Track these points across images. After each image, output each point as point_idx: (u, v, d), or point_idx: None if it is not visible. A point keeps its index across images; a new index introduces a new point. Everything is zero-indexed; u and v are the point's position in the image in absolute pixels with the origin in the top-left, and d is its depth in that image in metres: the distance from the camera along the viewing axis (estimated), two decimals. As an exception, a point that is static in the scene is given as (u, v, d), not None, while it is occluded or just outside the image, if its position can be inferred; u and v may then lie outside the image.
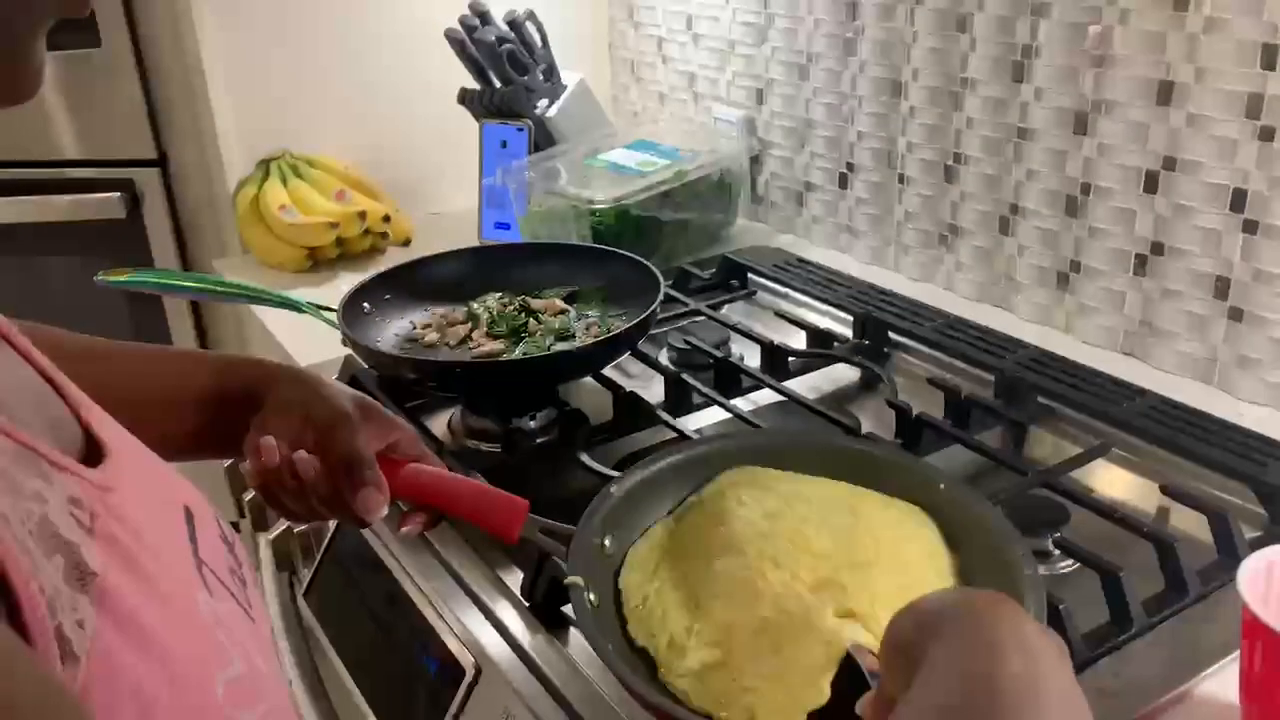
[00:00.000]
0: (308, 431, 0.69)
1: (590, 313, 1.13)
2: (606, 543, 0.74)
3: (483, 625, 0.79)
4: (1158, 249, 1.08)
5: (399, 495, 0.72)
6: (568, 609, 0.78)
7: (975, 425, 1.00)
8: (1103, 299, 1.15)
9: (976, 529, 0.71)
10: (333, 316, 1.04)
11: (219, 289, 1.19)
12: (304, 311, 1.11)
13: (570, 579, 0.67)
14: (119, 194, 1.62)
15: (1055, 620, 0.71)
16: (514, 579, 0.82)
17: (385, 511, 0.69)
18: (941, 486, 0.74)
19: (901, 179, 1.36)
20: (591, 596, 0.69)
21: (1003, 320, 1.24)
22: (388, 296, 1.14)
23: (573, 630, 0.77)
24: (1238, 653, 0.71)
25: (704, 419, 1.05)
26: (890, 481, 0.76)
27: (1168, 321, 1.09)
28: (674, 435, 0.97)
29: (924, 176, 1.32)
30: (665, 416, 0.99)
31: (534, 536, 0.73)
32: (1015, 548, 0.68)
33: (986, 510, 0.71)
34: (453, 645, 0.78)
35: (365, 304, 1.11)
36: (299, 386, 0.71)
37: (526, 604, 0.80)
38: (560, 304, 1.14)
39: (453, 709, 0.75)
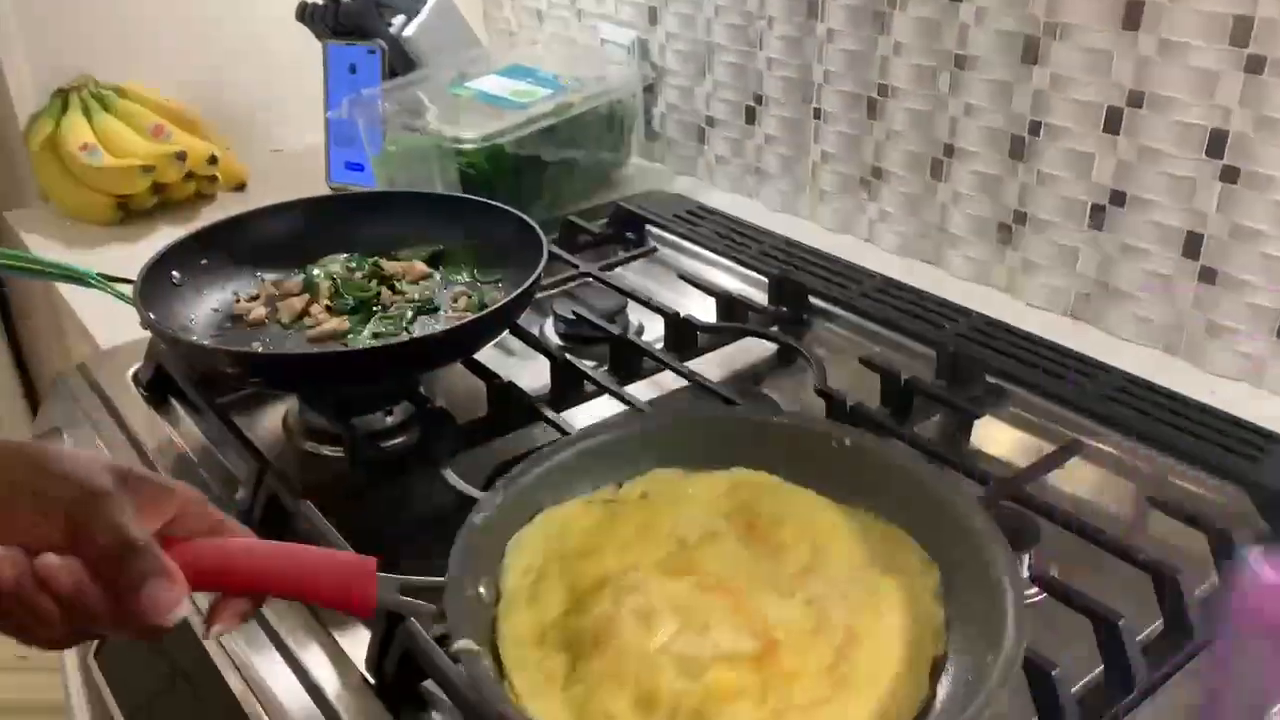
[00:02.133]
0: (48, 526, 0.48)
1: (459, 278, 0.94)
2: (481, 590, 0.58)
3: (309, 710, 0.60)
4: (1118, 199, 0.93)
5: (201, 585, 0.52)
6: (430, 685, 0.60)
7: (917, 413, 0.84)
8: (1052, 255, 1.00)
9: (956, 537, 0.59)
10: (128, 290, 0.82)
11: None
12: (93, 285, 0.88)
13: (461, 644, 0.52)
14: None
15: (1044, 690, 0.56)
16: (354, 645, 0.64)
17: (184, 610, 0.49)
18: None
19: (817, 114, 1.18)
20: (488, 663, 0.53)
21: (933, 278, 1.08)
22: (204, 261, 0.92)
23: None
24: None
25: (596, 411, 0.86)
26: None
27: (1127, 282, 0.95)
28: (560, 436, 0.79)
29: (844, 112, 1.15)
30: (549, 414, 0.81)
31: (392, 601, 0.54)
32: (1005, 577, 0.54)
33: (973, 522, 0.59)
34: (270, 748, 0.59)
35: (174, 272, 0.89)
36: (22, 465, 0.50)
37: (371, 682, 0.61)
38: (422, 267, 0.94)
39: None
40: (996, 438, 0.84)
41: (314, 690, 0.61)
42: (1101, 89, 0.92)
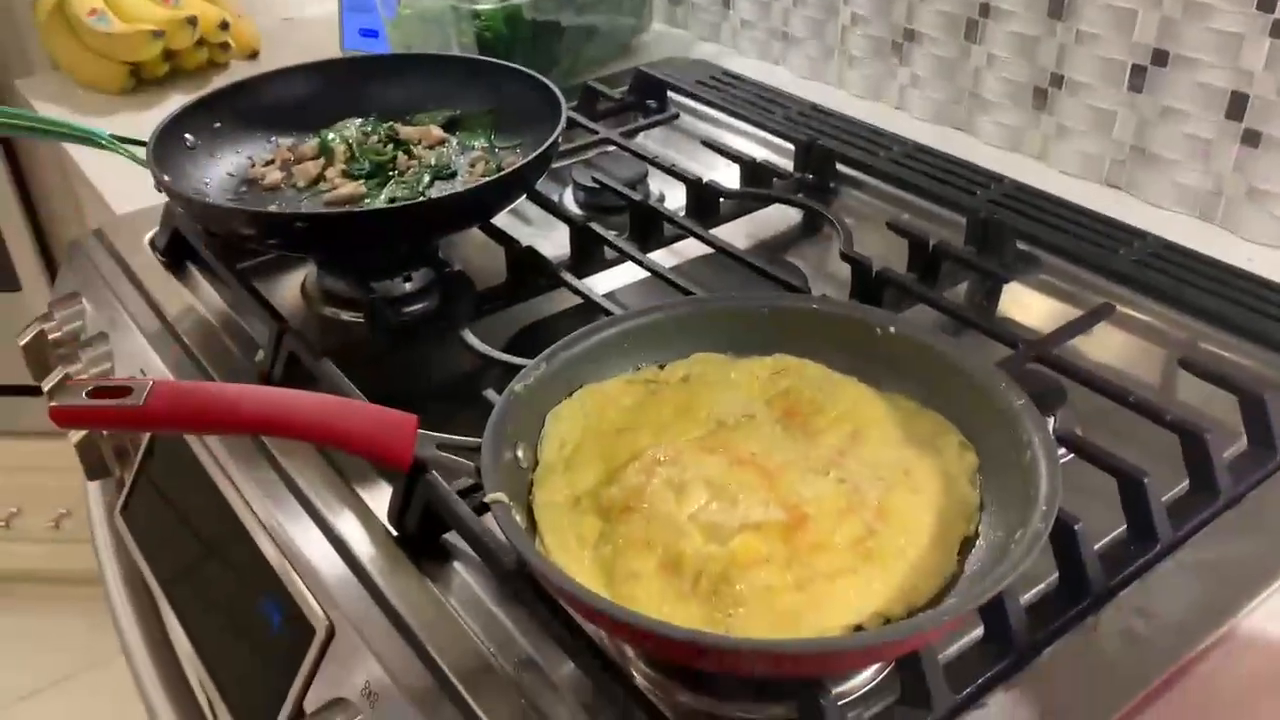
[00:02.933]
0: None
1: (476, 143, 0.91)
2: (519, 455, 0.58)
3: (337, 565, 0.60)
4: (1160, 58, 0.90)
5: (244, 429, 0.53)
6: (450, 538, 0.61)
7: (945, 280, 0.82)
8: (1088, 119, 0.97)
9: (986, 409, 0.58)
10: (142, 153, 0.81)
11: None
12: (105, 146, 0.87)
13: (492, 495, 0.52)
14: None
15: (1066, 543, 0.56)
16: (379, 497, 0.64)
17: None
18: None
19: (848, -26, 1.13)
20: (519, 517, 0.53)
21: (965, 146, 1.05)
22: (217, 125, 0.90)
23: (454, 568, 0.60)
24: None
25: (618, 277, 0.85)
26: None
27: (1166, 147, 0.92)
28: (580, 301, 0.78)
29: (875, -30, 1.10)
30: (570, 279, 0.79)
31: (431, 456, 0.55)
32: (1041, 457, 0.53)
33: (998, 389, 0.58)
34: (298, 594, 0.60)
35: (187, 135, 0.87)
36: None
37: (394, 534, 0.62)
38: (438, 132, 0.92)
39: (301, 676, 0.58)
40: (1026, 303, 0.83)
41: (338, 543, 0.61)
42: (1149, -60, 0.87)
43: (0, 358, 1.61)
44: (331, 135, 0.90)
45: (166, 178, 0.79)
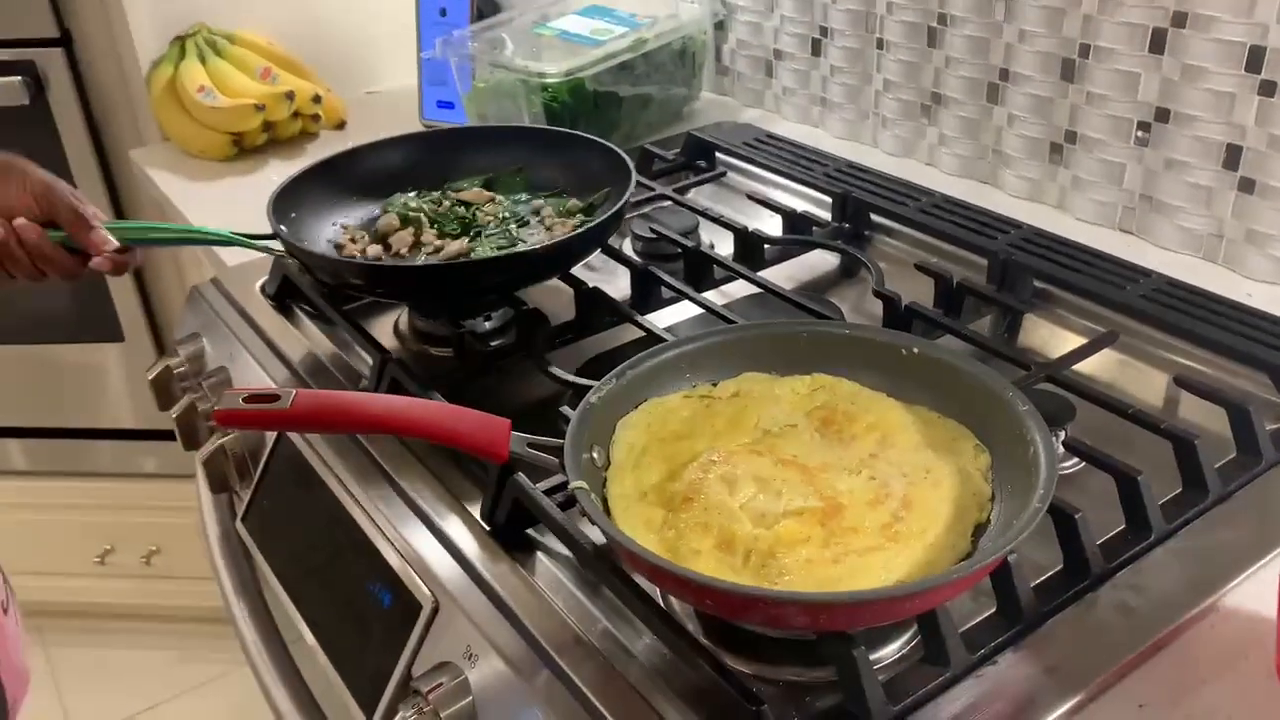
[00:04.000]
0: (21, 203, 0.86)
1: (518, 199, 1.03)
2: (594, 455, 0.68)
3: (438, 552, 0.71)
4: (1163, 115, 0.99)
5: (373, 427, 0.65)
6: (534, 532, 0.71)
7: (968, 314, 0.92)
8: (1100, 172, 1.06)
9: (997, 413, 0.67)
10: (267, 244, 0.94)
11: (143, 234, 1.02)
12: (235, 243, 0.97)
13: (576, 484, 0.62)
14: (20, 78, 1.46)
15: (1068, 531, 0.64)
16: (471, 500, 0.74)
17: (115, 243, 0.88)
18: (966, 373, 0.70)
19: (880, 44, 1.25)
20: (597, 501, 0.64)
21: (990, 198, 1.15)
22: (314, 196, 1.01)
23: (539, 558, 0.70)
24: (1268, 558, 0.66)
25: (674, 315, 0.96)
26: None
27: (1171, 195, 1.01)
28: (641, 334, 0.88)
29: (905, 40, 1.21)
30: (633, 314, 0.90)
31: (523, 452, 0.65)
32: (1041, 451, 0.62)
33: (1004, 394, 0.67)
34: (406, 576, 0.70)
35: (293, 213, 0.98)
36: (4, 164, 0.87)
37: (486, 528, 0.72)
38: (485, 192, 1.03)
39: (410, 646, 0.68)
40: (1043, 333, 0.92)
41: (439, 534, 0.72)
42: (1147, 11, 0.97)
43: (100, 403, 1.75)
44: (403, 205, 1.00)
45: (303, 243, 0.91)
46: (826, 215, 1.11)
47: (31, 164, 0.89)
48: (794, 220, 1.08)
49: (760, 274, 0.98)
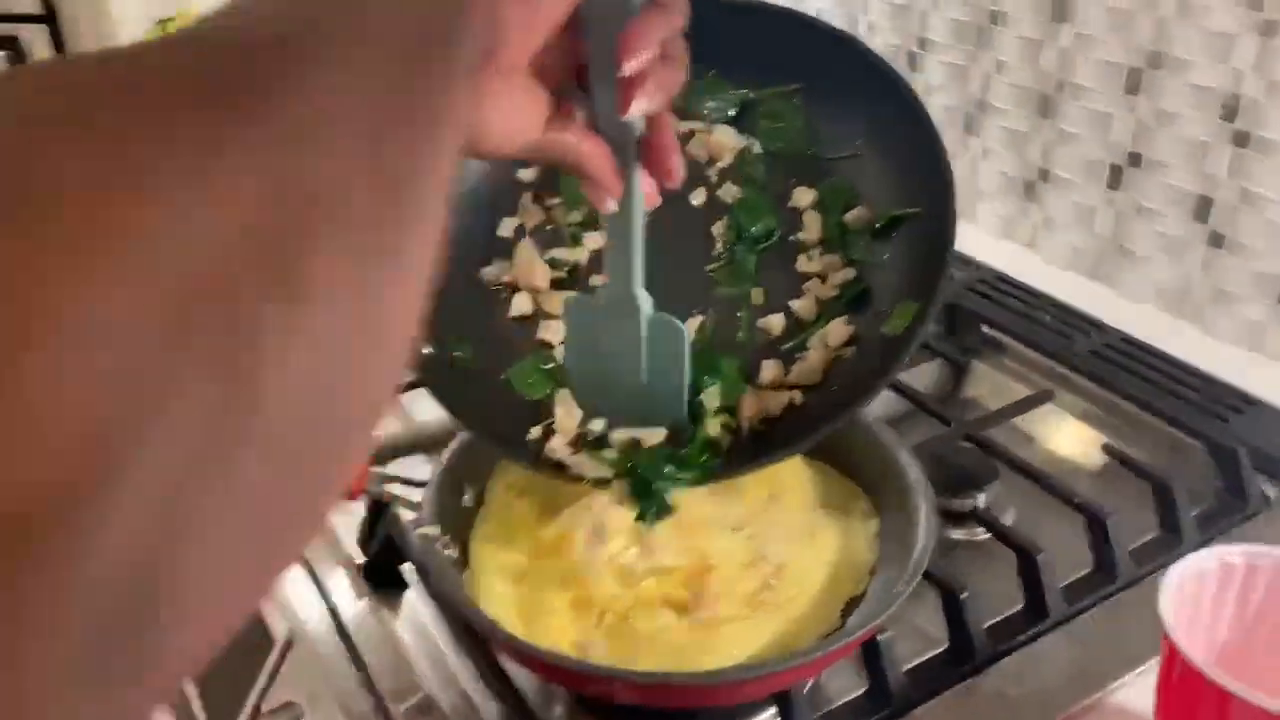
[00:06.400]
0: None
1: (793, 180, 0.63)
2: (466, 496, 0.65)
3: (305, 584, 0.68)
4: (1135, 160, 0.94)
5: None
6: (407, 569, 0.68)
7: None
8: (1072, 214, 1.01)
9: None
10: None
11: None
12: None
13: (424, 529, 0.59)
14: (3, 53, 1.46)
15: (953, 610, 0.60)
16: (353, 529, 0.72)
17: None
18: None
19: (862, 65, 1.20)
20: (450, 553, 0.60)
21: (961, 232, 1.10)
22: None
23: (407, 602, 0.67)
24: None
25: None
26: None
27: (1141, 244, 0.96)
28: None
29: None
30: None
31: (376, 491, 0.62)
32: (921, 526, 0.58)
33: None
34: (267, 608, 0.68)
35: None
36: None
37: (359, 562, 0.69)
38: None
39: (259, 684, 0.65)
40: (989, 384, 0.87)
41: (306, 564, 0.69)
42: (1124, 49, 0.92)
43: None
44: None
45: None
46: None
47: None
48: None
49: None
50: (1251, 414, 0.79)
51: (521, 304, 0.62)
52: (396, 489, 0.61)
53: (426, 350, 0.60)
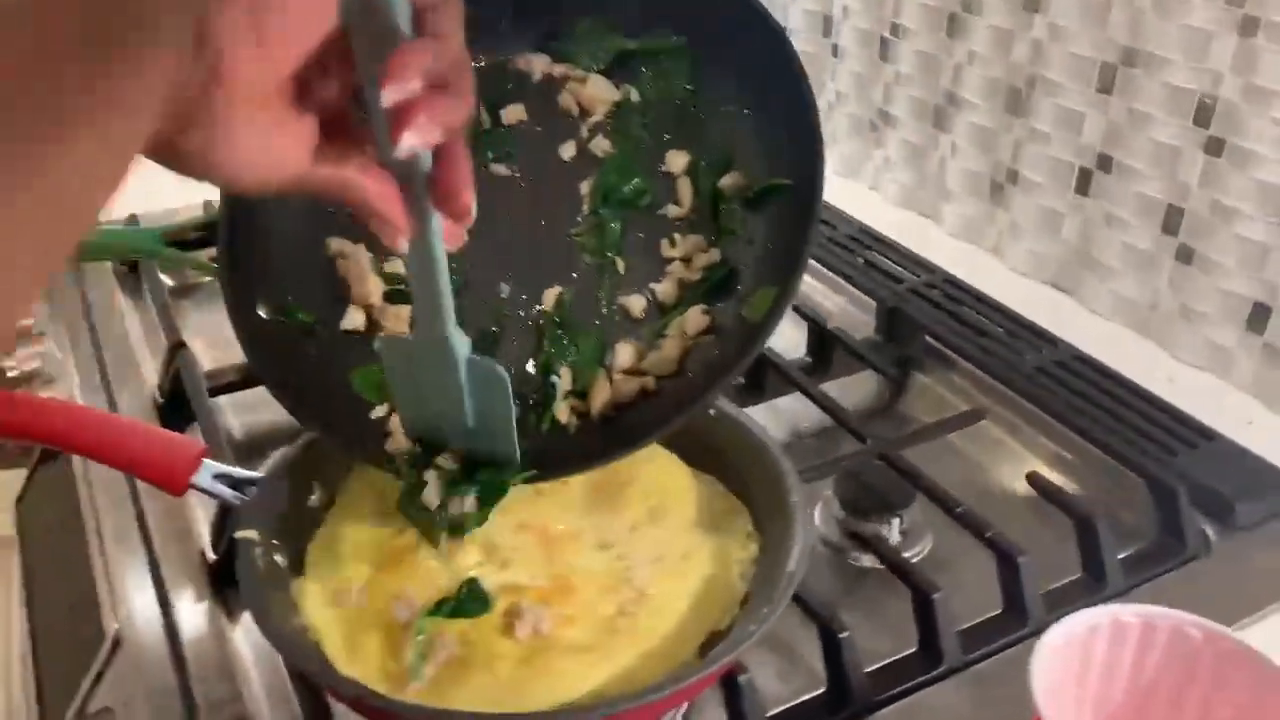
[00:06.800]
0: None
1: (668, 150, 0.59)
2: (314, 496, 0.59)
3: (140, 578, 0.63)
4: (1105, 163, 0.87)
5: (14, 434, 0.56)
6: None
7: (840, 367, 0.82)
8: (1038, 219, 0.94)
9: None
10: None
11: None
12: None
13: (242, 532, 0.53)
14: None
15: (832, 650, 0.54)
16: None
17: None
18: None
19: (835, 50, 1.13)
20: (279, 558, 0.54)
21: (925, 234, 1.04)
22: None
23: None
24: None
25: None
26: None
27: (1107, 254, 0.89)
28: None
29: (859, 49, 1.10)
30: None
31: (205, 485, 0.56)
32: (792, 560, 0.52)
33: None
34: (105, 602, 0.63)
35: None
36: None
37: (212, 559, 0.64)
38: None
39: (84, 684, 0.60)
40: (929, 398, 0.81)
41: (154, 562, 0.64)
42: (1098, 43, 0.85)
43: None
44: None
45: None
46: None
47: None
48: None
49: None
50: (1206, 449, 0.72)
51: (355, 318, 0.58)
52: (220, 486, 0.55)
53: (263, 313, 0.56)
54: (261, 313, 0.56)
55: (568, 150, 0.59)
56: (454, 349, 0.48)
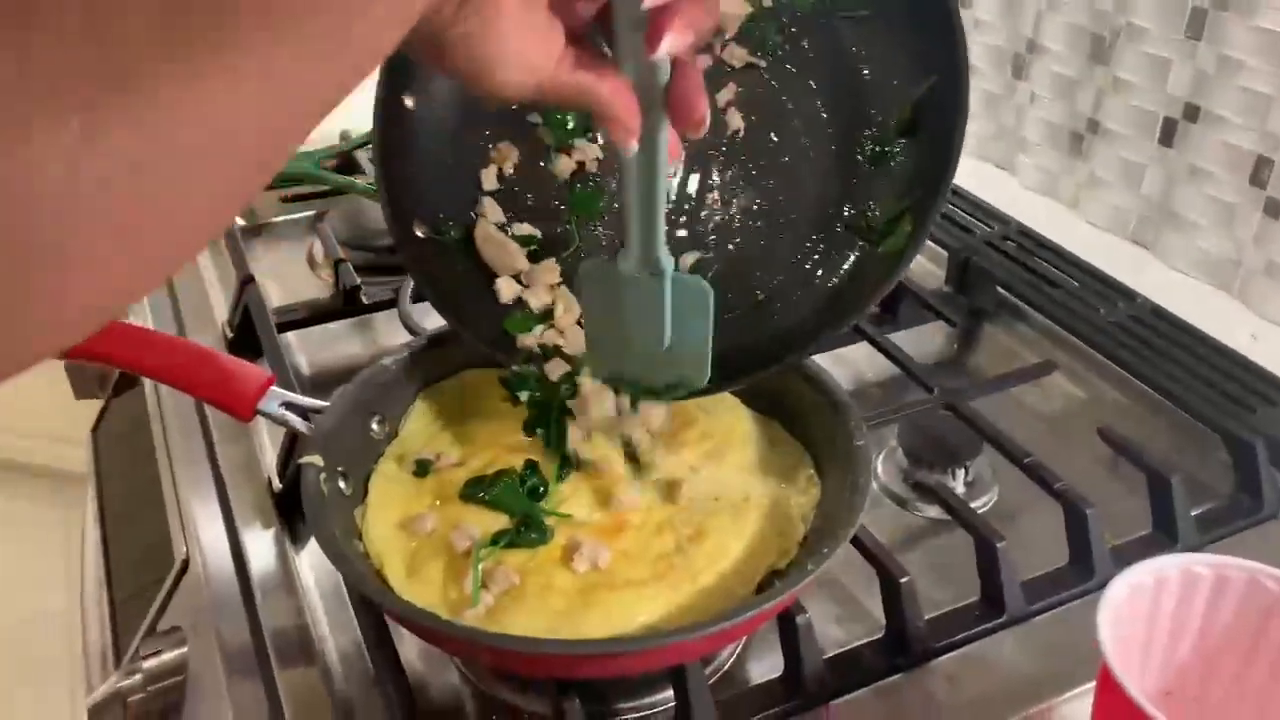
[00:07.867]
0: None
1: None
2: (374, 426, 0.60)
3: (209, 505, 0.64)
4: (1191, 113, 0.84)
5: (93, 356, 0.57)
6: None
7: (907, 317, 0.80)
8: (1119, 171, 0.91)
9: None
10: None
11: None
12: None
13: (308, 458, 0.54)
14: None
15: (891, 596, 0.54)
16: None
17: None
18: None
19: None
20: (343, 485, 0.55)
21: (1001, 186, 1.01)
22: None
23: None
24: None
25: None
26: None
27: (1190, 208, 0.86)
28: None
29: None
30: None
31: (272, 411, 0.57)
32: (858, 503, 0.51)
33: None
34: (175, 526, 0.64)
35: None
36: None
37: (278, 487, 0.65)
38: None
39: (154, 606, 0.62)
40: (997, 350, 0.79)
41: (220, 484, 0.65)
42: (1188, -14, 0.82)
43: None
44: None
45: None
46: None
47: None
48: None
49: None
50: (1283, 406, 0.70)
51: (507, 289, 0.60)
52: (287, 413, 0.56)
53: (419, 233, 0.60)
54: (419, 232, 0.60)
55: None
56: (664, 266, 0.48)
